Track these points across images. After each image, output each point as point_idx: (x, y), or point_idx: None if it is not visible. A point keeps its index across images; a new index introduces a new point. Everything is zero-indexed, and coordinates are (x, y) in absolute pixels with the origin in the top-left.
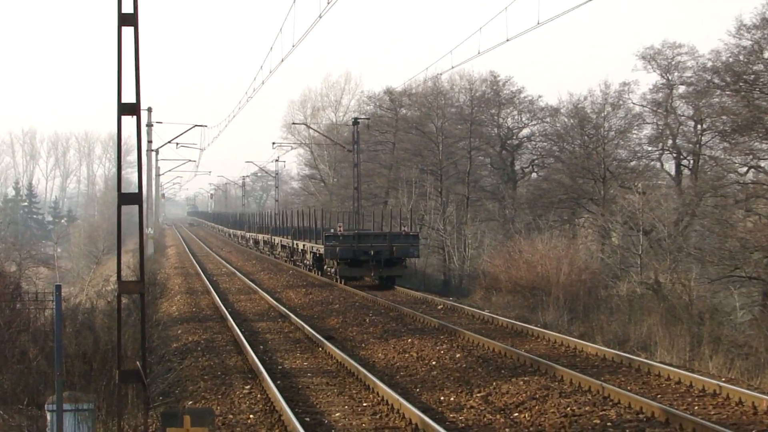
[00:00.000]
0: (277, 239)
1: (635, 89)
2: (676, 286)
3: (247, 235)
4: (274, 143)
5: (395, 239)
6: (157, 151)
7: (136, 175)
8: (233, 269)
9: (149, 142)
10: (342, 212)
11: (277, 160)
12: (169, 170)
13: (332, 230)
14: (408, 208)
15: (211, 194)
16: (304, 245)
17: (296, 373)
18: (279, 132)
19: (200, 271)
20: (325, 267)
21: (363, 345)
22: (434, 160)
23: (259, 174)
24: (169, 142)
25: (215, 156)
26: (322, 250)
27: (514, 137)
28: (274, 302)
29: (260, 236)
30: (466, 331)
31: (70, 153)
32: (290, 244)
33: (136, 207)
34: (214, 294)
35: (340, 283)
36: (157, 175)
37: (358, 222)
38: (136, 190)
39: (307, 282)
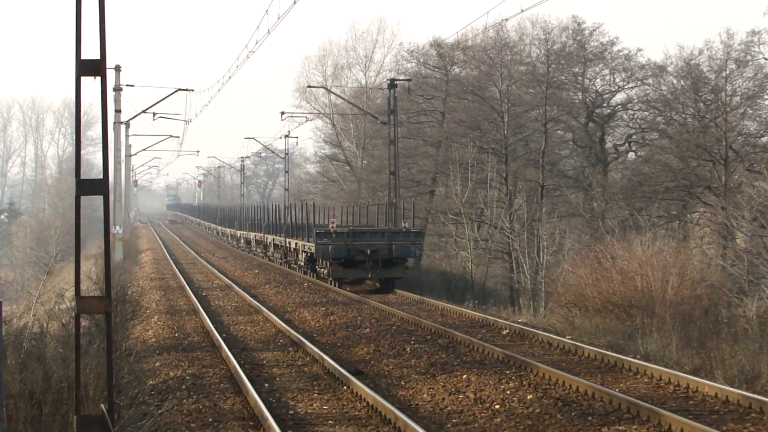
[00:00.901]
0: (269, 238)
1: None
2: None
3: (238, 233)
4: (283, 113)
5: (395, 237)
6: (127, 124)
7: (100, 155)
8: (229, 281)
9: (117, 111)
10: (373, 205)
11: (287, 136)
12: (144, 149)
13: (325, 226)
14: (461, 200)
15: (200, 181)
16: (296, 244)
17: (313, 421)
18: (290, 99)
19: (185, 283)
20: (317, 268)
21: (402, 382)
22: (497, 135)
23: (263, 155)
24: (144, 111)
25: (205, 131)
26: (313, 249)
27: (605, 105)
28: (283, 325)
29: (252, 235)
30: (541, 364)
31: (12, 127)
32: (283, 243)
33: (100, 198)
34: (203, 314)
35: (333, 285)
36: (129, 155)
37: (395, 219)
38: (100, 176)
39: (327, 298)
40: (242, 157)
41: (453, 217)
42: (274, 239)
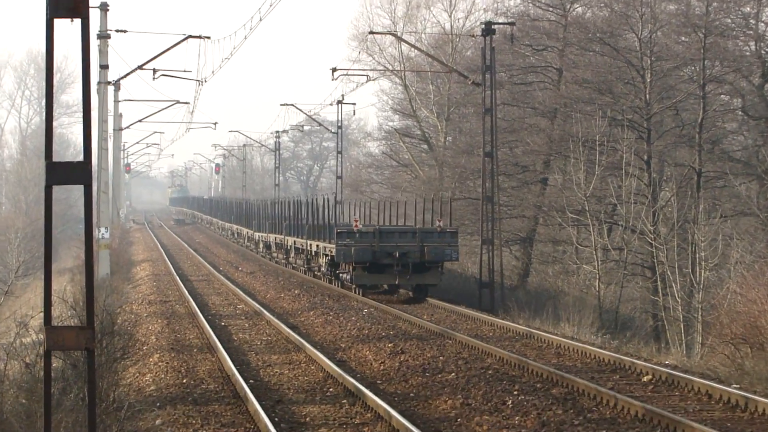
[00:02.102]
0: (290, 240)
1: None
2: None
3: (256, 235)
4: (335, 71)
5: (427, 237)
6: (117, 85)
7: (79, 129)
8: (258, 305)
9: (104, 67)
10: (461, 199)
11: (340, 103)
12: (141, 120)
13: (348, 225)
14: (585, 193)
15: (217, 165)
16: (317, 246)
17: None
18: (344, 50)
19: (196, 308)
20: (340, 273)
21: None
22: (636, 101)
23: (306, 128)
24: (141, 67)
25: (225, 96)
26: (334, 252)
27: None
28: (335, 367)
29: (272, 237)
30: (697, 424)
31: None
32: (305, 246)
33: (80, 189)
34: (223, 352)
35: (358, 293)
36: (119, 129)
37: (490, 221)
38: (80, 157)
39: (395, 331)
40: (277, 132)
41: (574, 217)
42: (295, 242)
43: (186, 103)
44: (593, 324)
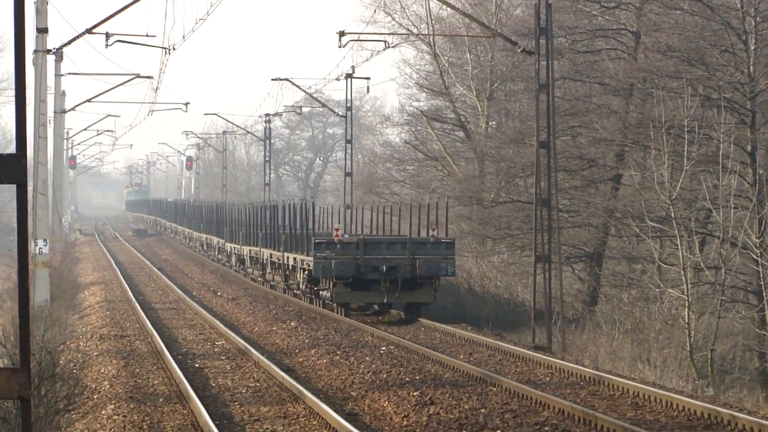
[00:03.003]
0: (266, 253)
1: None
2: None
3: (227, 247)
4: (342, 35)
5: (420, 249)
6: (59, 54)
7: (10, 111)
8: (242, 342)
9: (41, 31)
10: (508, 202)
11: (349, 77)
12: (90, 100)
13: (328, 235)
14: (670, 195)
15: (189, 159)
16: (294, 260)
17: None
18: (356, 9)
19: (162, 345)
20: (320, 291)
21: None
22: (736, 75)
23: (304, 110)
24: (91, 30)
25: (200, 68)
26: (311, 265)
27: None
28: (344, 423)
29: (246, 249)
30: None
31: None
32: (282, 260)
33: (10, 189)
34: (197, 402)
35: (340, 314)
36: (62, 111)
37: (547, 231)
38: (12, 148)
39: (422, 374)
40: (267, 115)
41: (656, 226)
42: (271, 255)
43: (148, 77)
44: (681, 366)
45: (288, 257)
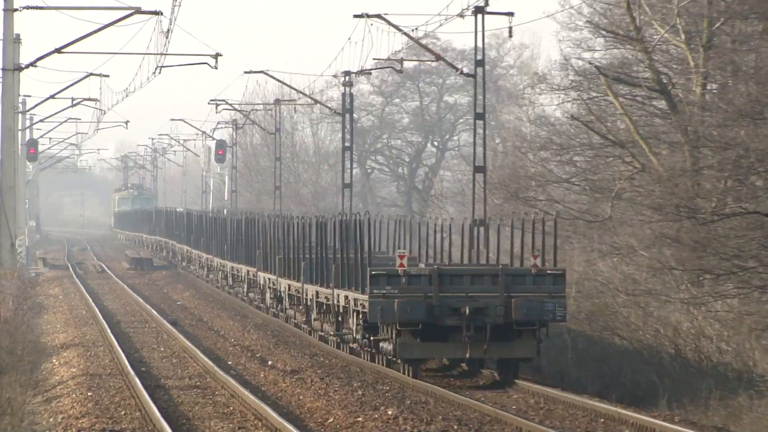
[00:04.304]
0: (311, 290)
1: None
2: None
3: (261, 278)
4: None
5: (516, 284)
6: None
7: None
8: None
9: None
10: (737, 217)
11: (479, 11)
12: (59, 50)
13: (390, 263)
14: None
15: (221, 145)
16: (346, 298)
17: None
18: None
19: None
20: (380, 342)
21: None
22: None
23: (406, 67)
24: None
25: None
26: (367, 306)
27: None
28: None
29: (284, 283)
30: None
31: None
32: (331, 300)
33: None
34: None
35: (407, 374)
36: (14, 68)
37: None
38: None
39: None
40: (345, 75)
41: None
42: (317, 293)
43: (155, 13)
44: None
45: (339, 296)
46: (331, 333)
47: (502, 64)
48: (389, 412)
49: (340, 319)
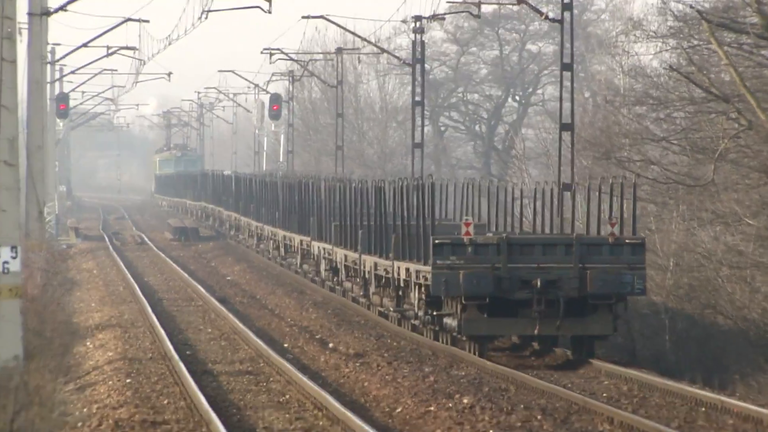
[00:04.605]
0: (369, 261)
1: None
2: None
3: (315, 247)
4: None
5: (591, 254)
6: None
7: None
8: None
9: None
10: None
11: None
12: None
13: (454, 232)
14: None
15: (276, 99)
16: (407, 271)
17: None
18: None
19: None
20: (444, 318)
21: None
22: None
23: (484, 10)
24: None
25: None
26: (429, 278)
27: None
28: None
29: (341, 253)
30: None
31: None
32: (391, 272)
33: None
34: None
35: (472, 352)
36: (42, 13)
37: None
38: None
39: None
40: (415, 20)
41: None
42: (376, 264)
43: None
44: None
45: (399, 268)
46: (391, 309)
47: (592, 8)
48: (465, 401)
49: (400, 293)
